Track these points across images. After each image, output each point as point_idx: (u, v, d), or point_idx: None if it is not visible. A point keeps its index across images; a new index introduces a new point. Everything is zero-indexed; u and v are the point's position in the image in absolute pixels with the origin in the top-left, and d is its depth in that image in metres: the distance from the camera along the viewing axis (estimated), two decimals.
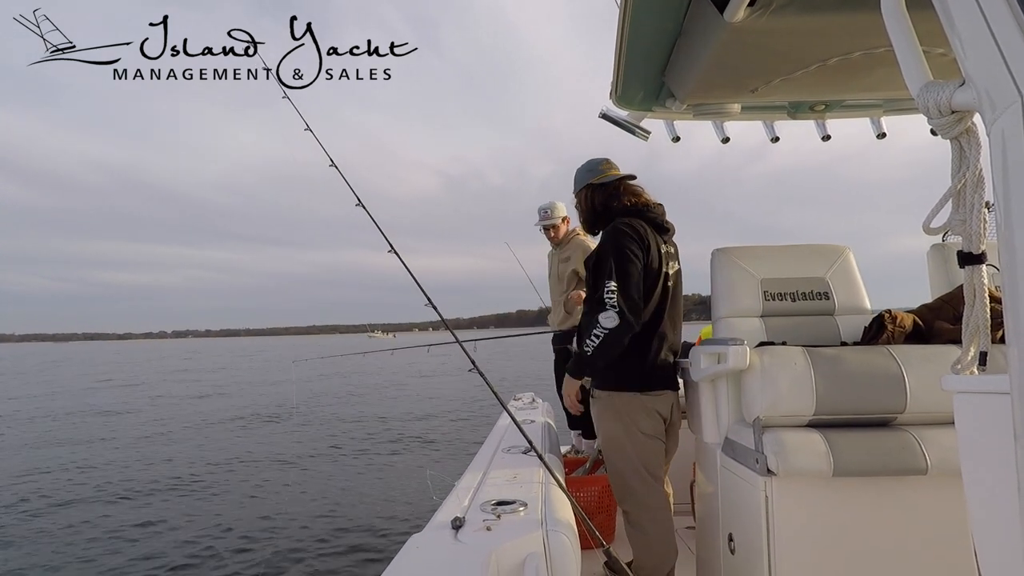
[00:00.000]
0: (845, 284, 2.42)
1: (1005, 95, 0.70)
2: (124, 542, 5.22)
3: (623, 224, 2.24)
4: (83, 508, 6.24)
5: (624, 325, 2.10)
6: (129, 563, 4.77)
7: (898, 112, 2.64)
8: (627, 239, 2.19)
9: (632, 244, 2.18)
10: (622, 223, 2.24)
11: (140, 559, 4.84)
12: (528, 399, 4.12)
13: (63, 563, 4.79)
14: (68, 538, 5.34)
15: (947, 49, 0.89)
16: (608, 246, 2.21)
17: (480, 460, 2.24)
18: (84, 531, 5.52)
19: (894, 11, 0.94)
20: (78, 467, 8.15)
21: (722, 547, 2.14)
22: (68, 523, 5.74)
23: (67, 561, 4.83)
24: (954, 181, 0.88)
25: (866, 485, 1.80)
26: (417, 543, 1.37)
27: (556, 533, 1.41)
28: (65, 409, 14.63)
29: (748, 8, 1.54)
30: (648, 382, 2.25)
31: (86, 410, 14.47)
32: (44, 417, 13.22)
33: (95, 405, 15.50)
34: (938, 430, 1.79)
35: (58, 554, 4.98)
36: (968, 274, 0.92)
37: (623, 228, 2.22)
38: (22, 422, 12.64)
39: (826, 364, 1.88)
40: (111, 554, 4.95)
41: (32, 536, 5.46)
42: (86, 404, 15.74)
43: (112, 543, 5.19)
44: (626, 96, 2.44)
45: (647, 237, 2.23)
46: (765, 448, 1.82)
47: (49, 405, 15.69)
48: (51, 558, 4.90)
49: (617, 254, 2.16)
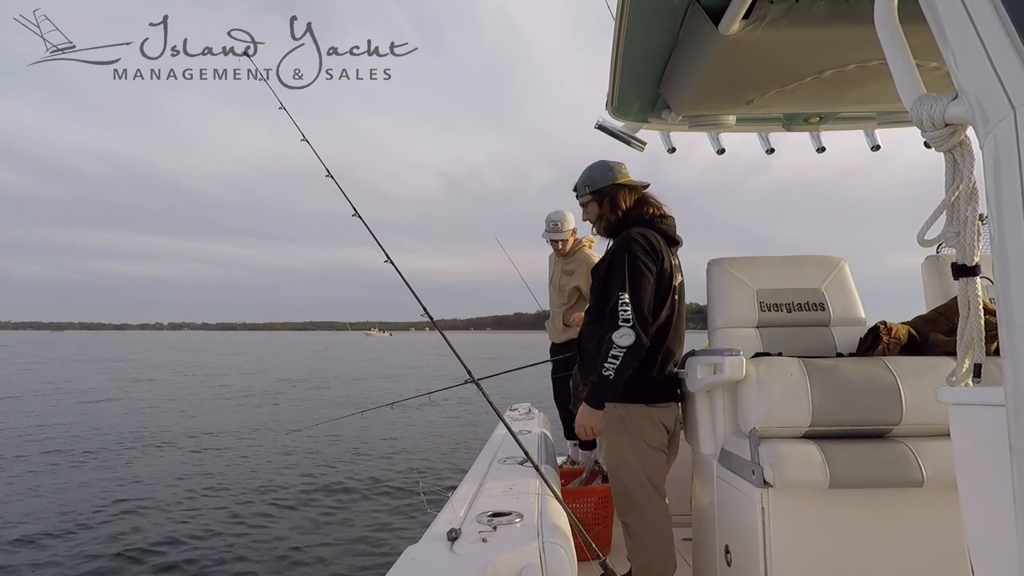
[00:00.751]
0: (840, 295, 2.43)
1: (998, 108, 0.70)
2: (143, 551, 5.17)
3: (638, 235, 2.18)
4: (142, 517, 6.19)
5: (639, 342, 2.04)
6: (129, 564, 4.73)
7: (892, 124, 2.66)
8: (642, 251, 2.14)
9: (647, 257, 2.14)
10: (637, 233, 2.19)
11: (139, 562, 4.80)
12: (524, 409, 4.11)
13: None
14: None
15: (940, 63, 0.90)
16: (623, 257, 2.14)
17: (476, 471, 2.23)
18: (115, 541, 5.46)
19: (888, 25, 0.95)
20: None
21: (719, 559, 2.13)
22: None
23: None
24: (948, 193, 0.88)
25: (862, 497, 1.79)
26: (413, 554, 1.36)
27: (552, 544, 1.40)
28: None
29: (743, 20, 1.55)
30: (655, 394, 2.22)
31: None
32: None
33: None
34: (934, 442, 1.79)
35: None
36: (962, 286, 0.92)
37: (639, 239, 2.17)
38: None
39: (822, 375, 1.88)
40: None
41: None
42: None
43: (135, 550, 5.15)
44: (622, 107, 2.45)
45: (660, 250, 2.20)
46: (761, 459, 1.82)
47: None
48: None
49: (632, 267, 2.11)
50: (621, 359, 2.03)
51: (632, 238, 2.17)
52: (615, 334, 2.04)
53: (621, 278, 2.10)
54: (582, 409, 2.19)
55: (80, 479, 7.57)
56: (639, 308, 2.07)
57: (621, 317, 2.05)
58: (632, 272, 2.10)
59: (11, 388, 18.47)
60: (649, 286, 2.12)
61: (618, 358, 2.03)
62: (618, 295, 2.08)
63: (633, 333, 2.03)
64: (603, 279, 2.22)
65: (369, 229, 2.27)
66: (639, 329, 2.04)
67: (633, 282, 2.09)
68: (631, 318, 2.04)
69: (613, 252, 2.21)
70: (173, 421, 12.28)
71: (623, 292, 2.07)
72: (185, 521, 5.97)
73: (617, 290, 2.09)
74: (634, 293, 2.08)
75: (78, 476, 7.72)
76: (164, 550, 5.18)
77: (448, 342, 2.16)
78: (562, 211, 4.03)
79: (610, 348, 2.04)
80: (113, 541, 5.37)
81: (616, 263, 2.15)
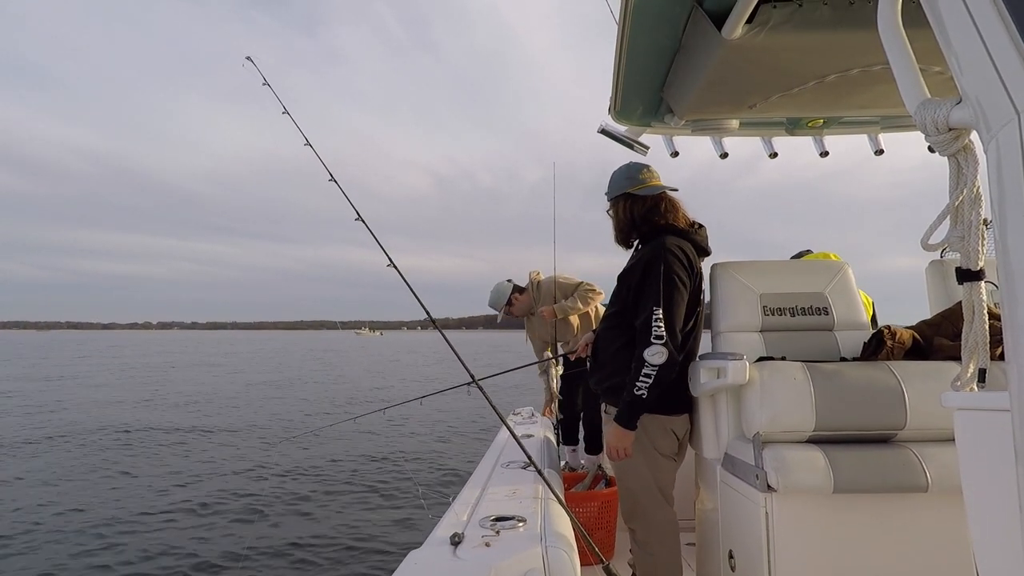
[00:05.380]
0: (844, 299, 2.42)
1: (1002, 113, 0.70)
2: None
3: (675, 247, 2.11)
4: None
5: (671, 360, 1.97)
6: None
7: (895, 129, 2.66)
8: (678, 264, 2.07)
9: (682, 271, 2.07)
10: (674, 244, 2.11)
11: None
12: (527, 413, 4.10)
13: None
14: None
15: (944, 67, 0.90)
16: (658, 268, 2.05)
17: (479, 475, 2.23)
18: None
19: (891, 29, 0.95)
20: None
21: (722, 564, 2.12)
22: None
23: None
24: (952, 198, 0.88)
25: (866, 502, 1.79)
26: (415, 559, 1.36)
27: (555, 549, 1.40)
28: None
29: (746, 25, 1.55)
30: (672, 405, 2.19)
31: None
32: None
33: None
34: (938, 447, 1.79)
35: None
36: (967, 291, 0.92)
37: (675, 251, 2.09)
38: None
39: (826, 380, 1.87)
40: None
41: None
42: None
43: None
44: (625, 111, 2.46)
45: (695, 262, 2.15)
46: (765, 464, 1.81)
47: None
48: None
49: (667, 280, 2.03)
50: (654, 378, 1.97)
51: (669, 249, 2.09)
52: (647, 352, 1.97)
53: (655, 292, 2.02)
54: (614, 431, 2.07)
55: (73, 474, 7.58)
56: (672, 324, 2.00)
57: (654, 334, 1.97)
58: (667, 286, 2.03)
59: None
60: (683, 301, 2.06)
61: (651, 377, 1.97)
62: (652, 310, 2.00)
63: (666, 351, 1.96)
64: (634, 288, 2.13)
65: (373, 233, 2.28)
66: (671, 347, 1.98)
67: (667, 297, 2.01)
68: (663, 335, 1.97)
69: (648, 261, 2.11)
70: (153, 417, 12.28)
71: (657, 307, 1.99)
72: (185, 529, 5.96)
73: (651, 304, 2.01)
74: (667, 308, 2.00)
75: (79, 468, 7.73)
76: (159, 557, 5.18)
77: (450, 344, 2.17)
78: (492, 290, 4.15)
79: (641, 366, 1.97)
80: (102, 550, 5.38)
81: (651, 274, 2.06)
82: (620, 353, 2.17)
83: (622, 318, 2.19)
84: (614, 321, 2.25)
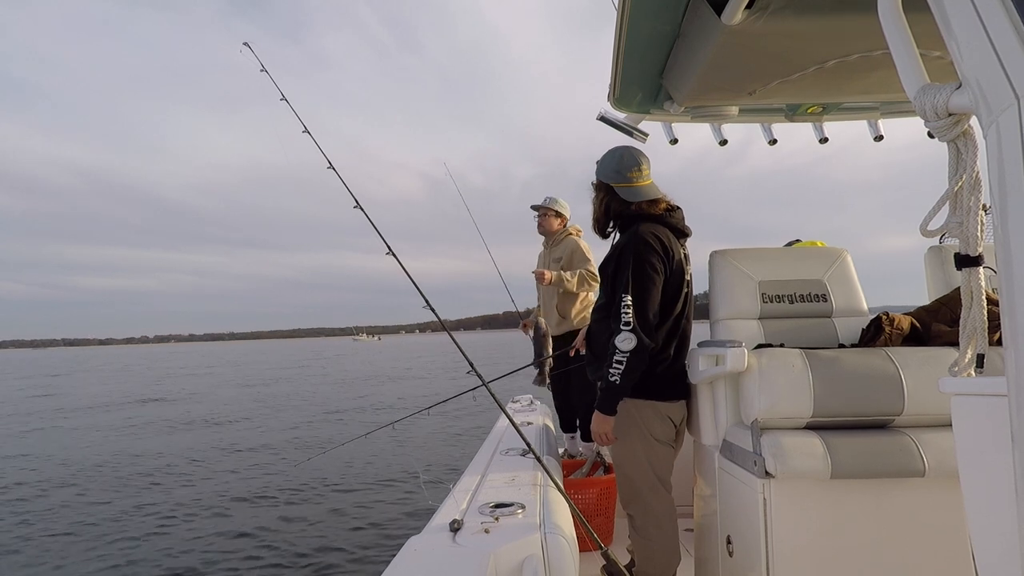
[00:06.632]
0: (843, 286, 2.42)
1: (1002, 97, 0.70)
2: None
3: (648, 234, 2.11)
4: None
5: (641, 346, 2.00)
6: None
7: (895, 115, 2.65)
8: (650, 252, 2.08)
9: (655, 258, 2.08)
10: (647, 232, 2.12)
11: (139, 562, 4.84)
12: (526, 401, 4.12)
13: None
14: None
15: (944, 52, 0.90)
16: (628, 256, 2.08)
17: (478, 462, 2.24)
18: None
19: (891, 14, 0.94)
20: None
21: (720, 549, 2.14)
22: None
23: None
24: (951, 184, 0.88)
25: (864, 487, 1.80)
26: (415, 545, 1.37)
27: (554, 535, 1.41)
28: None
29: (745, 11, 1.54)
30: (665, 391, 2.21)
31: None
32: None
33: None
34: (936, 432, 1.79)
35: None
36: (965, 276, 0.92)
37: (648, 239, 2.10)
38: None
39: (824, 366, 1.88)
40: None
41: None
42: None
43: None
44: (624, 98, 2.44)
45: (671, 247, 2.14)
46: (763, 450, 1.82)
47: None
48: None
49: (637, 268, 2.05)
50: (624, 363, 2.00)
51: (641, 238, 2.10)
52: (617, 339, 2.01)
53: (625, 279, 2.05)
54: (595, 416, 2.14)
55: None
56: (642, 311, 2.03)
57: (622, 320, 2.01)
58: (637, 273, 2.05)
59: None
60: (655, 288, 2.07)
61: (622, 363, 2.00)
62: (621, 296, 2.04)
63: (634, 337, 1.99)
64: (611, 278, 2.17)
65: (370, 220, 2.26)
66: (640, 332, 2.01)
67: (637, 284, 2.04)
68: (631, 321, 2.00)
69: (620, 251, 2.14)
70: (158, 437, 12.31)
71: (626, 294, 2.03)
72: (184, 519, 6.00)
73: (620, 291, 2.05)
74: (637, 295, 2.03)
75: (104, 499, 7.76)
76: (154, 553, 5.21)
77: (456, 343, 2.16)
78: (558, 197, 3.97)
79: (614, 353, 2.01)
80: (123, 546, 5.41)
81: (622, 263, 2.09)
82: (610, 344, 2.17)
83: (608, 309, 2.19)
84: (602, 313, 2.26)
